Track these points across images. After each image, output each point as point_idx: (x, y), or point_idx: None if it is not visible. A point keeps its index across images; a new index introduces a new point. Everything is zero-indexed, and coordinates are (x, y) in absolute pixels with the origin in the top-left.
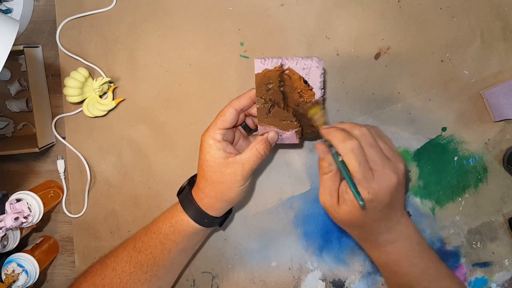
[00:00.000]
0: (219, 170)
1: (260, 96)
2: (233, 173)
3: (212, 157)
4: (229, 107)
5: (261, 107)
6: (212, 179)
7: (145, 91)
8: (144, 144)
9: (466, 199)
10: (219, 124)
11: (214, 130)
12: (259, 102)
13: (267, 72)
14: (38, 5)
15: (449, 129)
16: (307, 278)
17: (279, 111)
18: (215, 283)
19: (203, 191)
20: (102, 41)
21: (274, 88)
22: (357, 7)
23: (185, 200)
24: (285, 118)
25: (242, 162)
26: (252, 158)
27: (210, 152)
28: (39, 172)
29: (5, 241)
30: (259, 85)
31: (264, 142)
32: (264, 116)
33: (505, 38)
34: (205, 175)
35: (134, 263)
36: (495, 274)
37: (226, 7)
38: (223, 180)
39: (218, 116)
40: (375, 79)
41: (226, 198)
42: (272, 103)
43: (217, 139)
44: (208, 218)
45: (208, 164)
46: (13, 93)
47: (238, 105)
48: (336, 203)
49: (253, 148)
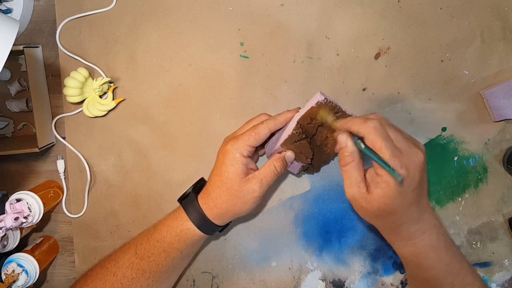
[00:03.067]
0: (238, 184)
1: (301, 123)
2: (251, 189)
3: (235, 171)
4: (266, 128)
5: (295, 134)
6: (229, 192)
7: (145, 91)
8: (144, 144)
9: (466, 199)
10: (252, 141)
11: (244, 146)
12: (297, 129)
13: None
14: (38, 5)
15: (449, 129)
16: (307, 278)
17: (305, 145)
18: (215, 283)
19: (215, 201)
20: (102, 41)
21: (315, 124)
22: (357, 7)
23: (190, 208)
24: (305, 153)
25: (260, 178)
26: (269, 175)
27: (235, 165)
28: (39, 172)
29: (5, 241)
30: (307, 115)
31: (282, 160)
32: (291, 141)
33: (505, 38)
34: (222, 186)
35: (136, 269)
36: (495, 274)
37: (226, 7)
38: (240, 195)
39: (252, 133)
40: (375, 79)
41: (237, 211)
42: (305, 136)
43: (244, 154)
44: (213, 227)
45: (228, 176)
46: (13, 93)
47: (274, 128)
48: (366, 192)
49: (271, 165)
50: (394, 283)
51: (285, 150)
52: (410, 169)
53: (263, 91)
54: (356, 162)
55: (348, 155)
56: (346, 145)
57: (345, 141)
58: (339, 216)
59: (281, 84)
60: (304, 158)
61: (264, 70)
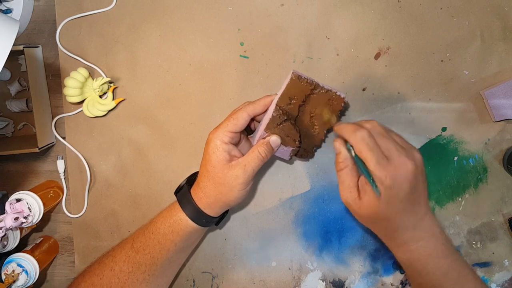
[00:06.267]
0: (221, 171)
1: (280, 105)
2: (235, 175)
3: (217, 158)
4: (243, 112)
5: (276, 117)
6: (214, 180)
7: (145, 91)
8: (144, 144)
9: (466, 199)
10: (231, 127)
11: (223, 132)
12: (277, 111)
13: (298, 87)
14: (38, 5)
15: (449, 129)
16: (307, 278)
17: (289, 126)
18: (215, 283)
19: (203, 190)
20: (102, 41)
21: (295, 104)
22: (357, 7)
23: (183, 199)
24: (291, 135)
25: (244, 164)
26: (253, 161)
27: (216, 153)
28: (39, 172)
29: (5, 241)
30: (284, 96)
31: (266, 145)
32: (274, 125)
33: (505, 38)
34: (208, 175)
35: (132, 263)
36: (495, 274)
37: (226, 7)
38: (224, 182)
39: (231, 118)
40: (375, 79)
41: (225, 200)
42: (287, 117)
43: (225, 141)
44: (205, 217)
45: (212, 164)
46: (13, 93)
47: (252, 112)
48: (357, 198)
49: (254, 150)
50: (394, 283)
51: (270, 135)
52: (396, 179)
53: (263, 91)
54: (349, 168)
55: (341, 161)
56: (339, 152)
57: (338, 147)
58: (339, 216)
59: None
60: (292, 141)
61: (264, 70)
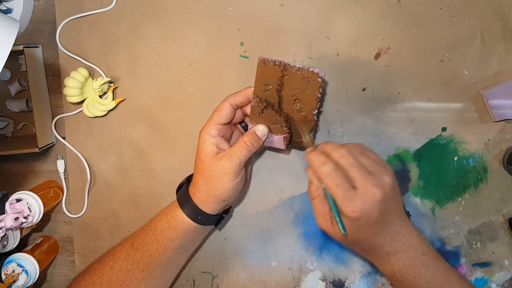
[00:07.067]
0: (209, 164)
1: (256, 94)
2: (222, 166)
3: (204, 152)
4: (225, 102)
5: (255, 106)
6: (204, 174)
7: (145, 91)
8: (144, 144)
9: (466, 199)
10: (215, 119)
11: (209, 126)
12: (255, 100)
13: (268, 71)
14: (38, 5)
15: (449, 129)
16: (307, 278)
17: (271, 113)
18: (215, 283)
19: (196, 186)
20: (102, 41)
21: (272, 89)
22: (357, 7)
23: (181, 197)
24: (276, 122)
25: (230, 155)
26: (239, 150)
27: (204, 147)
28: (39, 172)
29: (5, 241)
30: (258, 83)
31: (251, 134)
32: (256, 115)
33: (505, 38)
34: (198, 169)
35: (131, 261)
36: (495, 274)
37: (226, 7)
38: (213, 174)
39: (214, 111)
40: (375, 79)
41: (216, 193)
42: (266, 104)
43: (212, 134)
44: (202, 215)
45: (200, 158)
46: (13, 93)
47: (233, 101)
48: (331, 225)
49: (240, 141)
50: None
51: (255, 125)
52: (364, 210)
53: None
54: (321, 197)
55: (314, 190)
56: (311, 181)
57: (310, 177)
58: None
59: None
60: (280, 129)
61: None
